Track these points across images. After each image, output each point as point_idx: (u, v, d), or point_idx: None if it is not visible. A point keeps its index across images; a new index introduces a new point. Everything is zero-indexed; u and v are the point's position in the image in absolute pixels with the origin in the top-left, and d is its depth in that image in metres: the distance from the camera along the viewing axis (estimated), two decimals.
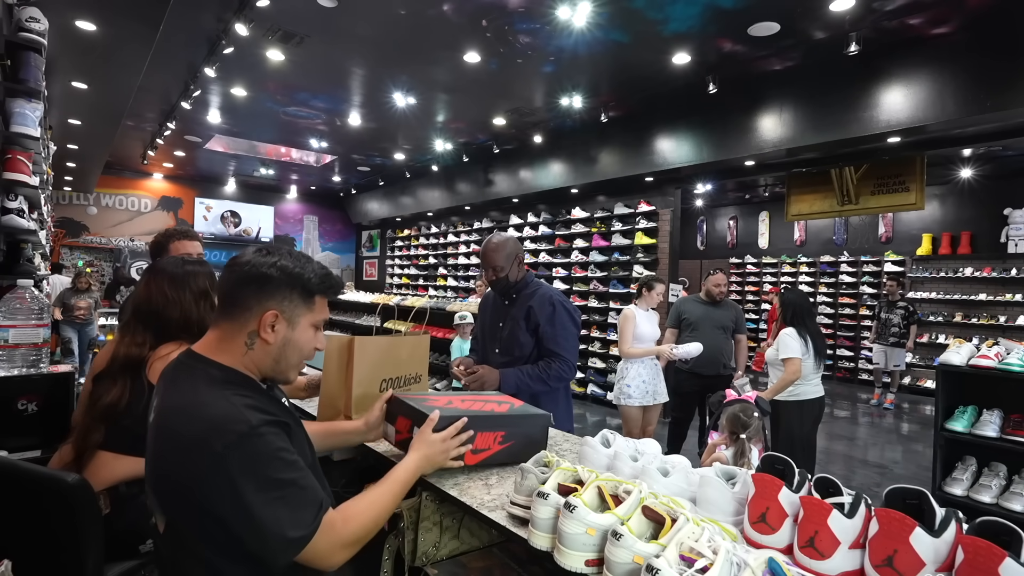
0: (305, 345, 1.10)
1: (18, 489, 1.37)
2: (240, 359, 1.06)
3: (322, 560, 0.99)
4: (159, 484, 1.01)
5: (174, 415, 1.00)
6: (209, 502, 0.93)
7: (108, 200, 10.63)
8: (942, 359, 2.96)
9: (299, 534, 0.94)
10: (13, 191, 2.76)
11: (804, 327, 3.63)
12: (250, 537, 0.94)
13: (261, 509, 0.92)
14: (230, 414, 0.95)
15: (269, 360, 1.07)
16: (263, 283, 1.04)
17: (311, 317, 1.10)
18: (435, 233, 11.15)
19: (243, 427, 0.94)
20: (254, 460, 0.93)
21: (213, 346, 1.06)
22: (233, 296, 1.06)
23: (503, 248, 2.35)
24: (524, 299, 2.38)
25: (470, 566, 1.31)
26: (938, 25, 4.08)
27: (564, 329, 2.31)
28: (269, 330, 1.05)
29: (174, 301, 1.68)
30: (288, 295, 1.06)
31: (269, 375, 1.10)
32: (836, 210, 6.24)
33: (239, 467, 0.92)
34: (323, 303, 1.12)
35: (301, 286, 1.07)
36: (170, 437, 0.98)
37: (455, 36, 4.51)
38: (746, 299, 10.97)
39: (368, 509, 1.08)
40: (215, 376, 1.02)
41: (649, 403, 3.98)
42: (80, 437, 1.58)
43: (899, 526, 0.86)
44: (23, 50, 2.63)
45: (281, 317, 1.06)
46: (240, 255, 1.09)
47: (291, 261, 1.07)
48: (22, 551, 1.27)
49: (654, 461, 1.19)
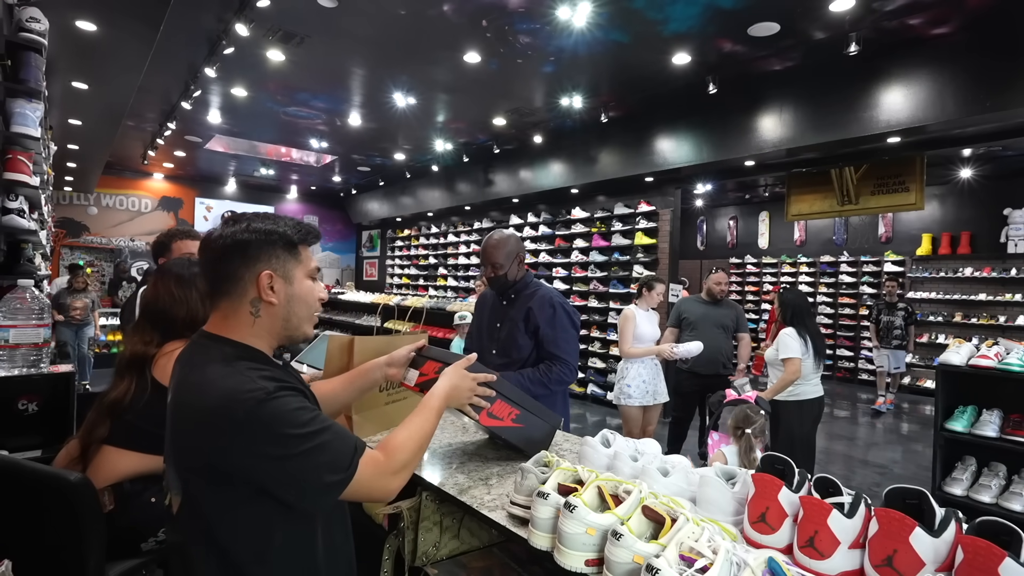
0: (308, 295, 1.10)
1: (20, 487, 1.37)
2: (250, 331, 1.06)
3: (377, 492, 1.04)
4: (179, 457, 1.02)
5: (192, 390, 1.00)
6: (236, 467, 0.95)
7: (108, 200, 10.63)
8: (942, 359, 2.96)
9: (337, 478, 0.97)
10: (14, 191, 2.76)
11: (804, 327, 3.64)
12: (286, 490, 0.96)
13: (293, 462, 0.94)
14: (245, 384, 0.97)
15: (279, 321, 1.08)
16: (244, 249, 1.04)
17: (302, 268, 1.10)
18: (435, 233, 11.15)
19: (260, 394, 0.95)
20: (277, 420, 0.94)
21: (220, 325, 1.07)
22: (220, 272, 1.05)
23: (504, 245, 2.32)
24: (523, 300, 2.34)
25: (470, 566, 1.31)
26: (938, 25, 4.08)
27: (564, 331, 2.28)
28: (269, 292, 1.05)
29: (181, 300, 1.72)
30: (273, 252, 1.06)
31: (284, 336, 1.10)
32: (836, 210, 6.24)
33: (263, 429, 0.94)
34: (307, 252, 1.12)
35: (281, 240, 1.07)
36: (190, 411, 1.00)
37: (455, 36, 4.51)
38: (746, 299, 10.97)
39: (409, 437, 1.10)
40: (228, 352, 1.03)
41: (649, 403, 3.98)
42: (86, 431, 1.62)
43: (899, 526, 0.86)
44: (23, 50, 2.63)
45: (276, 275, 1.05)
46: (208, 232, 1.07)
47: (261, 221, 1.07)
48: (24, 549, 1.27)
49: (654, 461, 1.19)
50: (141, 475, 1.61)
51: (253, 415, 0.93)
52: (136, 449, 1.61)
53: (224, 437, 0.94)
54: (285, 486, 0.96)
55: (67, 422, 2.15)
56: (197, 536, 1.00)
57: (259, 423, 0.93)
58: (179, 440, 1.02)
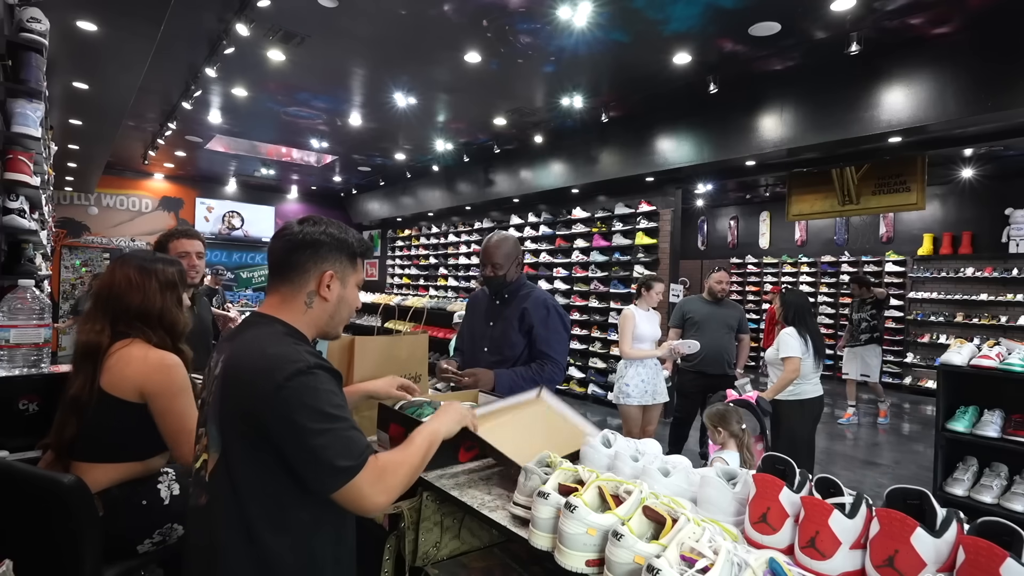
0: (353, 301, 1.26)
1: (16, 490, 1.37)
2: (301, 318, 1.18)
3: (366, 499, 1.06)
4: (224, 416, 1.10)
5: (241, 358, 1.11)
6: (269, 428, 1.03)
7: (109, 200, 10.64)
8: (943, 359, 2.96)
9: (347, 464, 1.03)
10: (14, 191, 2.76)
11: (804, 327, 3.66)
12: (302, 463, 1.03)
13: (315, 437, 1.02)
14: (290, 354, 1.07)
15: (326, 316, 1.21)
16: (317, 247, 1.18)
17: (356, 277, 1.26)
18: (435, 233, 11.15)
19: (302, 365, 1.05)
20: (311, 393, 1.03)
21: (276, 307, 1.18)
22: (289, 261, 1.18)
23: (504, 245, 2.38)
24: (518, 300, 2.40)
25: (471, 566, 1.31)
26: (939, 25, 4.07)
27: (557, 333, 2.36)
28: (327, 289, 1.19)
29: (138, 286, 1.64)
30: (339, 257, 1.21)
31: (323, 331, 1.23)
32: (837, 210, 6.23)
33: (297, 398, 1.02)
34: (362, 264, 1.28)
35: (348, 249, 1.23)
36: (237, 374, 1.09)
37: (456, 36, 4.51)
38: (747, 299, 10.96)
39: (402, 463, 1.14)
40: (279, 330, 1.14)
41: (648, 403, 3.98)
42: (56, 433, 1.57)
43: (900, 526, 0.86)
44: (24, 50, 2.63)
45: (336, 277, 1.20)
46: (287, 224, 1.22)
47: (336, 229, 1.22)
48: (21, 551, 1.27)
49: (655, 461, 1.19)
50: (125, 481, 1.59)
51: (294, 381, 1.03)
52: (108, 461, 1.57)
53: (265, 396, 1.03)
54: (302, 458, 1.03)
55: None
56: (225, 495, 1.08)
57: (296, 391, 1.02)
58: (226, 399, 1.10)
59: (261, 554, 1.06)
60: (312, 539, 1.09)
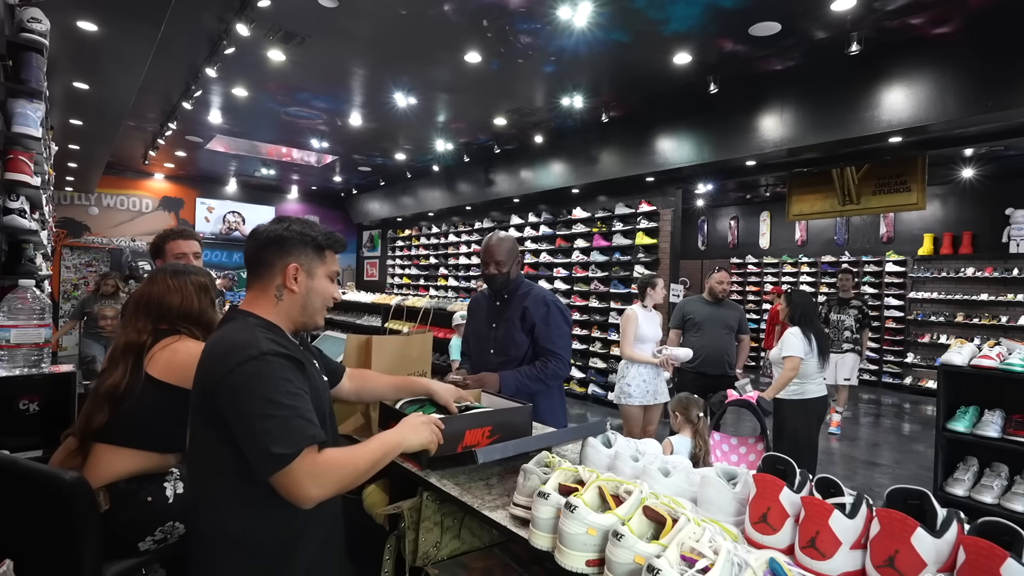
0: (325, 291, 1.30)
1: (16, 486, 1.37)
2: (272, 310, 1.25)
3: (297, 489, 1.07)
4: (193, 404, 1.20)
5: (209, 348, 1.20)
6: (220, 410, 1.11)
7: (109, 200, 10.64)
8: (944, 359, 2.96)
9: (280, 451, 1.05)
10: (15, 191, 2.76)
11: (810, 327, 3.69)
12: (244, 445, 1.08)
13: (254, 421, 1.06)
14: (248, 341, 1.14)
15: (297, 307, 1.27)
16: (281, 243, 1.25)
17: (325, 268, 1.30)
18: (436, 233, 11.15)
19: (254, 351, 1.11)
20: (258, 379, 1.09)
21: (251, 303, 1.27)
22: (258, 259, 1.26)
23: (505, 243, 2.41)
24: (518, 299, 2.42)
25: (471, 566, 1.31)
26: (939, 25, 4.07)
27: (559, 328, 2.38)
28: (293, 281, 1.25)
29: (175, 289, 1.74)
30: (303, 250, 1.26)
31: (299, 322, 1.28)
32: (837, 210, 6.23)
33: (244, 382, 1.08)
34: (333, 256, 1.32)
35: (312, 242, 1.27)
36: (203, 362, 1.19)
37: (456, 36, 4.51)
38: (747, 299, 10.96)
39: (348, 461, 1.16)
40: (250, 320, 1.22)
41: (650, 403, 3.98)
42: (84, 421, 1.61)
43: (900, 526, 0.86)
44: (25, 50, 2.63)
45: (301, 269, 1.26)
46: (258, 226, 1.30)
47: (300, 225, 1.29)
48: (21, 548, 1.27)
49: (655, 461, 1.19)
50: (138, 474, 1.61)
51: (243, 367, 1.09)
52: (132, 446, 1.60)
53: (216, 379, 1.11)
54: (243, 441, 1.08)
55: (68, 422, 2.14)
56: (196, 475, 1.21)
57: (244, 376, 1.09)
58: (195, 386, 1.20)
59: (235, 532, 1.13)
60: (282, 518, 1.14)
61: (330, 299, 1.32)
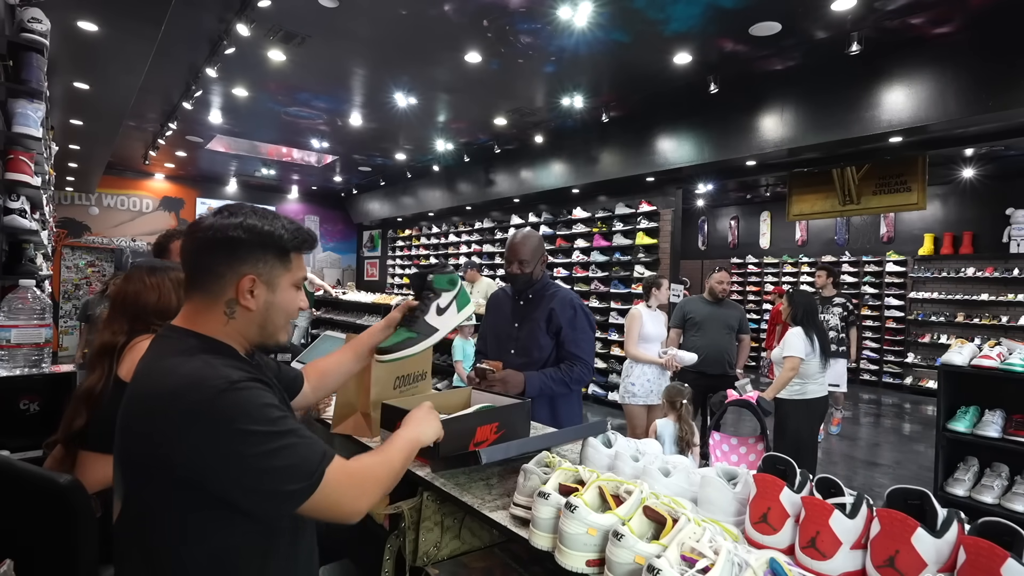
0: (288, 305, 1.03)
1: (13, 488, 1.37)
2: (221, 330, 0.98)
3: (345, 507, 0.93)
4: (124, 454, 0.93)
5: (148, 378, 0.93)
6: (186, 465, 0.84)
7: (110, 200, 10.64)
8: (944, 359, 2.96)
9: (298, 486, 0.87)
10: (15, 191, 2.77)
11: (812, 327, 3.70)
12: (241, 495, 0.86)
13: (253, 463, 0.84)
14: (206, 372, 0.88)
15: (254, 327, 1.00)
16: (233, 248, 0.96)
17: (290, 276, 1.02)
18: (436, 233, 11.16)
19: (222, 383, 0.86)
20: (239, 413, 0.85)
21: (190, 319, 0.99)
22: (201, 265, 0.98)
23: (530, 242, 2.35)
24: (544, 300, 2.36)
25: (471, 566, 1.31)
26: (940, 25, 4.07)
27: (584, 332, 2.33)
28: (249, 296, 0.97)
29: (152, 287, 1.67)
30: (262, 256, 0.98)
31: (258, 342, 1.03)
32: (838, 210, 6.23)
33: (223, 422, 0.84)
34: (300, 260, 1.05)
35: (274, 245, 0.99)
36: (142, 399, 0.91)
37: (456, 36, 4.51)
38: (747, 299, 10.96)
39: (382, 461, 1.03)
40: (192, 344, 0.94)
41: (654, 402, 3.99)
42: (65, 425, 1.58)
43: (901, 527, 0.86)
44: (25, 51, 2.63)
45: (259, 281, 0.98)
46: (200, 219, 1.00)
47: (258, 219, 0.97)
48: (18, 551, 1.27)
49: (655, 461, 1.19)
50: None
51: (212, 405, 0.84)
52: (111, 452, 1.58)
53: (176, 428, 0.84)
54: (240, 488, 0.86)
55: None
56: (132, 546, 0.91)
57: (218, 414, 0.84)
58: (127, 433, 0.91)
59: None
60: None
61: (294, 312, 1.05)
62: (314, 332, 7.54)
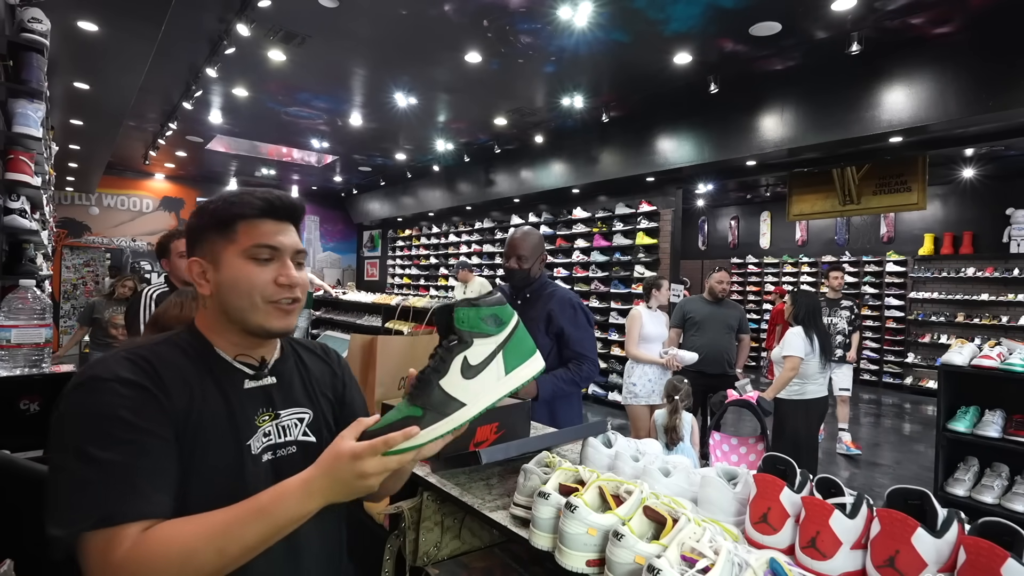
0: (242, 280, 0.87)
1: (15, 486, 1.37)
2: (204, 322, 0.92)
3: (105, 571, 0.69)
4: None
5: None
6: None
7: (110, 200, 10.65)
8: (944, 359, 2.96)
9: (55, 532, 0.69)
10: (15, 191, 2.77)
11: (813, 327, 3.69)
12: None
13: (50, 475, 0.73)
14: (105, 363, 0.80)
15: (218, 313, 0.90)
16: (189, 238, 0.92)
17: (234, 248, 0.88)
18: (436, 233, 11.16)
19: (91, 375, 0.77)
20: (71, 418, 0.75)
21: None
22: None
23: (530, 238, 2.35)
24: (542, 300, 2.35)
25: (471, 566, 1.31)
26: (940, 25, 4.07)
27: (587, 331, 2.34)
28: (202, 281, 0.89)
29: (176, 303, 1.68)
30: (205, 235, 0.90)
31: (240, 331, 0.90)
32: (838, 210, 6.23)
33: (57, 423, 0.75)
34: (249, 227, 0.88)
35: (211, 220, 0.89)
36: None
37: (456, 36, 4.51)
38: (747, 299, 10.96)
39: (182, 543, 0.70)
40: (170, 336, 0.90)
41: (656, 402, 3.99)
42: None
43: (901, 527, 0.86)
44: (25, 51, 2.63)
45: (205, 262, 0.89)
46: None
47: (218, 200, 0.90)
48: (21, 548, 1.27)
49: (655, 461, 1.19)
50: None
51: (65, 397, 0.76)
52: None
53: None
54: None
55: None
56: None
57: (62, 406, 0.76)
58: None
59: None
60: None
61: (262, 287, 0.87)
62: (314, 332, 7.54)
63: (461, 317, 0.88)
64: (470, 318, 0.88)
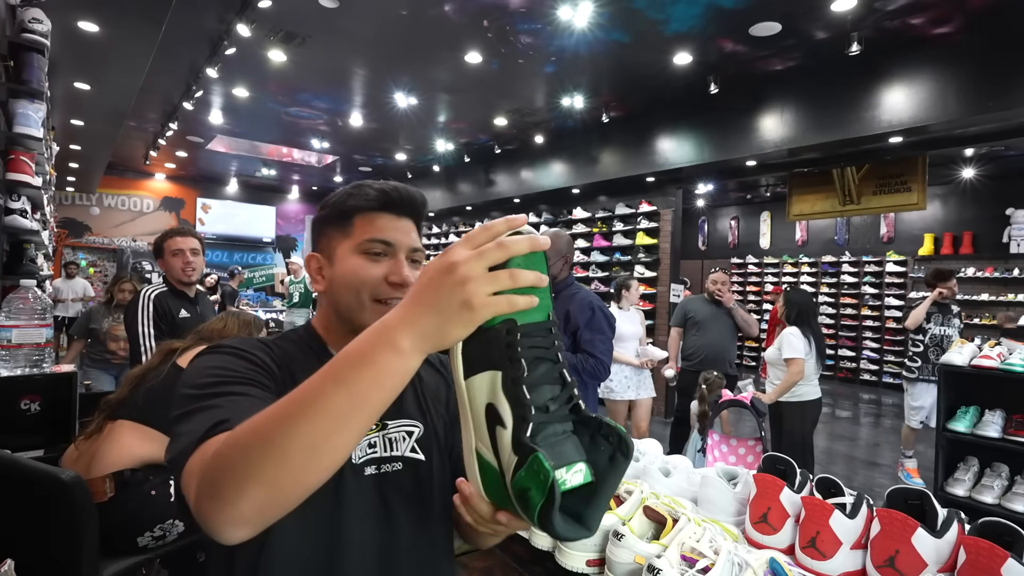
0: (351, 276, 0.82)
1: (16, 485, 1.37)
2: (323, 320, 0.89)
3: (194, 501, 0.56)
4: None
5: None
6: None
7: (110, 200, 10.65)
8: (944, 359, 2.96)
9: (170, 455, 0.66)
10: (16, 191, 2.77)
11: (808, 327, 3.65)
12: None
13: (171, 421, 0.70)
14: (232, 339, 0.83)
15: (331, 311, 0.87)
16: (313, 230, 0.91)
17: (350, 242, 0.83)
18: (436, 233, 11.16)
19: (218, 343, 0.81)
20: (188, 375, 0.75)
21: None
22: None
23: (555, 241, 2.35)
24: (563, 301, 2.37)
25: (471, 566, 1.31)
26: (940, 25, 4.07)
27: (601, 334, 2.35)
28: (318, 277, 0.87)
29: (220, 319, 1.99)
30: (326, 231, 0.87)
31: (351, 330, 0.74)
32: (838, 210, 6.23)
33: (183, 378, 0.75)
34: (365, 221, 0.84)
35: (332, 213, 0.86)
36: None
37: (456, 36, 4.51)
38: (747, 299, 10.95)
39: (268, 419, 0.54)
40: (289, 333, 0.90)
41: (632, 397, 4.05)
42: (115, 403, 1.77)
43: (901, 526, 0.86)
44: (26, 51, 2.64)
45: (321, 257, 0.87)
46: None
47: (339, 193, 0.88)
48: (21, 548, 1.27)
49: (655, 461, 1.19)
50: (148, 462, 1.63)
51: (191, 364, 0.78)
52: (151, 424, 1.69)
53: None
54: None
55: (69, 422, 2.15)
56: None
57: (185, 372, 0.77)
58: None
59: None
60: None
61: (372, 283, 0.81)
62: None
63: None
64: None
